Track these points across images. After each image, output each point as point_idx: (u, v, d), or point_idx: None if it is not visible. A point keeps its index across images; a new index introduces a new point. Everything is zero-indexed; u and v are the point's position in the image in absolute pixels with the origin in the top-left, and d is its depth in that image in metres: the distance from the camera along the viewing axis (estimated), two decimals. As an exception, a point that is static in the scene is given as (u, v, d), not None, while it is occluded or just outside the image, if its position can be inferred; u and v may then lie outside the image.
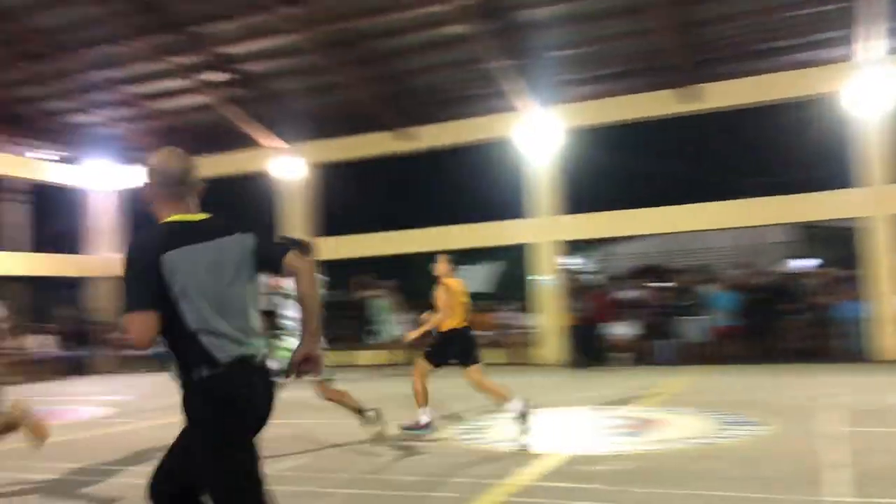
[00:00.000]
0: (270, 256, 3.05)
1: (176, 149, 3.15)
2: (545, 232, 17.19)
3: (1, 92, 18.25)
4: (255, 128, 18.49)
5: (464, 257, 18.41)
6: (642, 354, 15.99)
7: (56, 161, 21.41)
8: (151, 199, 3.07)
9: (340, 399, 7.38)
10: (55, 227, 25.75)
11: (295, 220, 19.42)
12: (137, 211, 23.01)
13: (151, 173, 3.07)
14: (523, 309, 17.84)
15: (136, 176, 21.37)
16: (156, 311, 2.76)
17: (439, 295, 7.89)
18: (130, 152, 21.47)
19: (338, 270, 20.69)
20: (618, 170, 20.13)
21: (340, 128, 19.20)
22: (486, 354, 17.24)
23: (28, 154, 21.00)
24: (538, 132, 16.97)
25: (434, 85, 17.86)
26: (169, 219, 2.98)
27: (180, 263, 2.81)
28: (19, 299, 20.92)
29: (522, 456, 6.65)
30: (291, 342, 6.92)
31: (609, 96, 16.79)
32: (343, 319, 18.40)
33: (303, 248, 7.15)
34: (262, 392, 2.92)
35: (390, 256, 19.03)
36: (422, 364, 7.87)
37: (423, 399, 7.83)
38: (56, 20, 15.88)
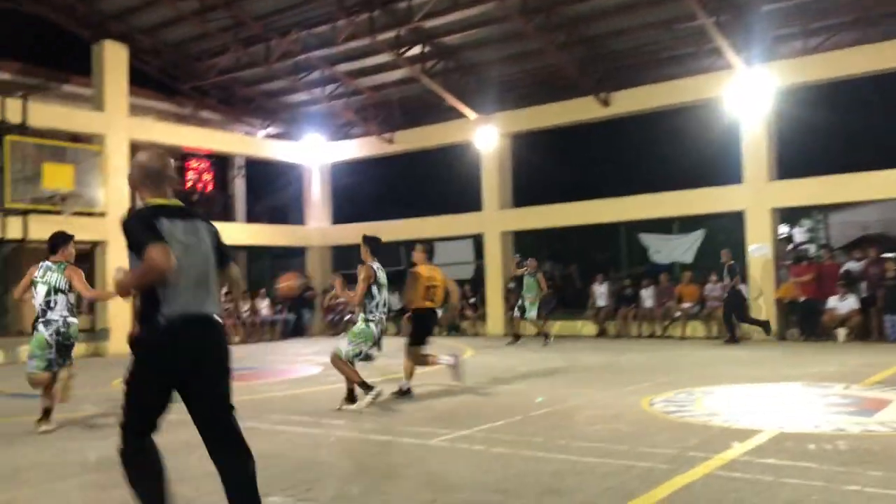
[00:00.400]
0: (225, 251, 3.87)
1: (158, 149, 4.00)
2: (758, 199, 16.11)
3: (223, 76, 19.84)
4: (455, 99, 18.83)
5: (671, 226, 17.82)
6: (865, 330, 14.71)
7: (272, 138, 23.04)
8: (135, 186, 3.79)
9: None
10: (270, 200, 27.82)
11: (491, 190, 19.66)
12: (345, 183, 24.36)
13: (137, 166, 3.78)
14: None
15: (345, 150, 22.58)
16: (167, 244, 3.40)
17: (408, 280, 9.13)
18: (340, 128, 22.69)
19: (531, 241, 20.86)
20: (838, 130, 18.50)
21: (537, 96, 19.16)
22: (696, 328, 16.65)
23: (246, 132, 22.77)
24: (750, 91, 15.91)
25: (634, 47, 17.31)
26: (151, 201, 3.71)
27: (166, 230, 3.49)
28: (239, 266, 22.92)
29: (731, 431, 6.37)
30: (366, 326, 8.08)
31: (833, 49, 15.40)
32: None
33: (368, 243, 8.36)
34: (209, 343, 3.62)
35: (590, 226, 18.78)
36: (412, 350, 8.93)
37: (408, 375, 8.90)
38: (271, 4, 17.01)
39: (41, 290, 7.30)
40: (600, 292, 17.91)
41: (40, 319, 7.35)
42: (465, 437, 6.44)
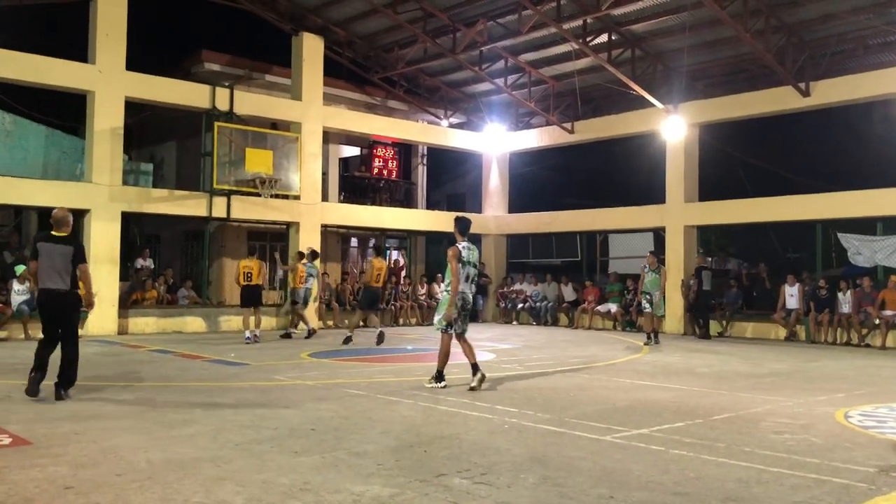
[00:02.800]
0: (78, 259, 7.73)
1: (62, 209, 8.00)
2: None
3: (411, 66, 20.43)
4: (641, 88, 18.34)
5: (874, 226, 16.44)
6: None
7: (454, 127, 23.47)
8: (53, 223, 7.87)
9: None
10: (449, 188, 28.39)
11: (675, 182, 18.98)
12: (524, 173, 24.43)
13: (53, 215, 7.88)
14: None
15: (525, 140, 22.61)
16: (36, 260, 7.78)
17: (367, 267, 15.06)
18: (521, 117, 22.75)
19: (716, 236, 19.96)
20: None
21: (730, 85, 18.29)
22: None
23: (430, 121, 23.34)
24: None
25: (841, 33, 16.08)
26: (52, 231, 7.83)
27: (42, 248, 7.70)
28: (417, 251, 23.58)
29: (942, 453, 5.80)
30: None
31: None
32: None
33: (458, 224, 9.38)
34: (57, 303, 7.70)
35: (782, 223, 17.71)
36: (360, 312, 15.14)
37: (352, 328, 14.60)
38: (458, -4, 17.29)
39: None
40: (791, 294, 16.85)
41: None
42: (643, 436, 6.30)
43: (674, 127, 18.59)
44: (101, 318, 15.44)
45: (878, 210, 15.99)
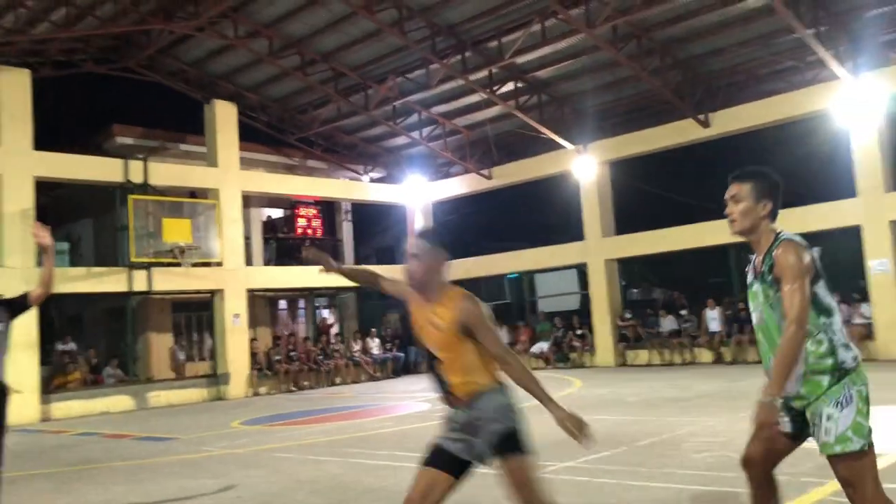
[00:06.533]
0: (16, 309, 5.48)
1: None
2: (875, 212, 15.34)
3: (326, 125, 20.64)
4: (550, 131, 18.90)
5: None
6: None
7: (375, 181, 23.68)
8: None
9: None
10: (376, 241, 28.51)
11: (592, 218, 19.50)
12: (447, 221, 24.73)
13: None
14: (858, 298, 16.03)
15: (445, 189, 22.93)
16: None
17: None
18: (439, 167, 23.10)
19: (632, 267, 20.50)
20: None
21: (634, 122, 19.01)
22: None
23: (350, 177, 23.49)
24: (859, 101, 15.24)
25: (732, 65, 16.97)
26: None
27: None
28: (348, 308, 23.49)
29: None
30: None
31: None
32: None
33: None
34: None
35: (698, 249, 18.29)
36: None
37: None
38: (367, 54, 17.63)
39: None
40: (713, 317, 17.39)
41: None
42: (570, 468, 6.40)
43: (585, 166, 19.19)
44: (21, 406, 14.84)
45: (786, 228, 16.62)
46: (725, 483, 5.41)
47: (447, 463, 3.43)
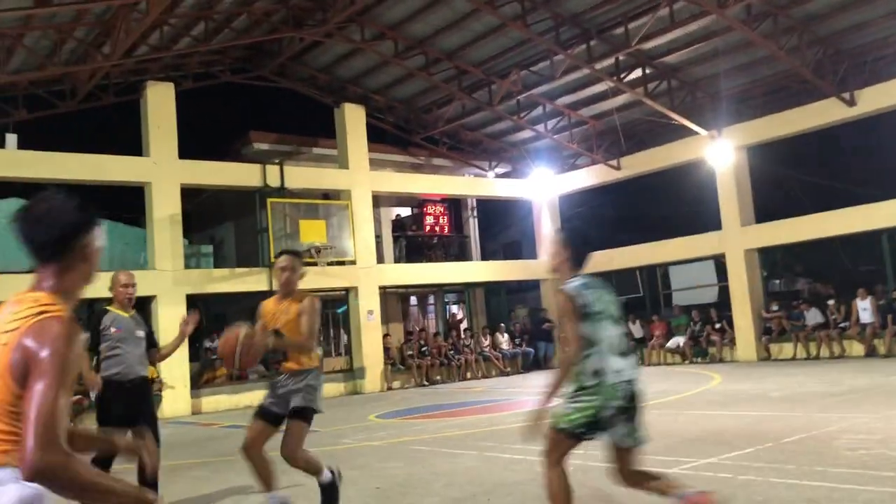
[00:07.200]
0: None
1: None
2: None
3: (451, 123, 20.81)
4: (681, 117, 18.28)
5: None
6: None
7: (501, 177, 23.67)
8: None
9: None
10: (502, 237, 28.52)
11: (729, 206, 18.70)
12: (575, 214, 24.41)
13: None
14: None
15: (572, 181, 22.64)
16: None
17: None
18: (566, 160, 22.84)
19: (780, 257, 19.51)
20: None
21: (772, 104, 18.11)
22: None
23: (475, 174, 23.59)
24: None
25: (879, 39, 15.86)
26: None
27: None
28: (476, 304, 23.60)
29: None
30: None
31: None
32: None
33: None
34: None
35: (847, 236, 17.19)
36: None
37: None
38: (490, 50, 17.64)
39: None
40: (864, 308, 16.30)
41: None
42: (711, 465, 6.17)
43: (720, 152, 18.41)
44: (174, 401, 15.84)
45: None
46: (885, 483, 5.05)
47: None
